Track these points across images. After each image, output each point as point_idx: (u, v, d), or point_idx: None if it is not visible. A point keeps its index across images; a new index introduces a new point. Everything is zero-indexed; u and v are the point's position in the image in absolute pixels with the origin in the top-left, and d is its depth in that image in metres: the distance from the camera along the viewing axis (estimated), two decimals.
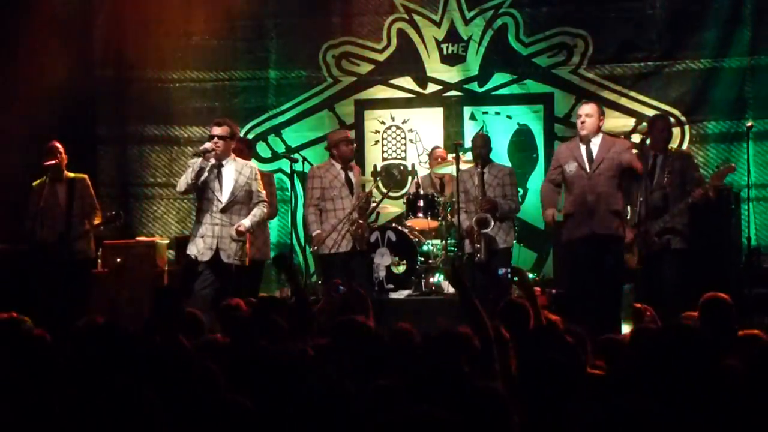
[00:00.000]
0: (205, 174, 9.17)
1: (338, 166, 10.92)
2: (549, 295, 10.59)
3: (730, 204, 10.91)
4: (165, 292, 5.89)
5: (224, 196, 9.26)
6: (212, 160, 9.19)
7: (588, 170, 9.60)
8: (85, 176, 10.95)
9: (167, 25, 13.18)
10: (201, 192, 9.31)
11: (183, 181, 9.32)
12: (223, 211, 9.24)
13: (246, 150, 10.80)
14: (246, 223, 9.28)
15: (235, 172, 9.33)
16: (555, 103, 12.75)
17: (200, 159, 9.15)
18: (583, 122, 9.70)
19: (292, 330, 6.19)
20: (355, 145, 11.24)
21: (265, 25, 13.29)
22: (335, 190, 10.85)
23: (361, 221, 10.79)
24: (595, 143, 9.67)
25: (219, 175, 9.27)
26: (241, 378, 4.72)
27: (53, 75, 11.91)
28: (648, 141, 9.67)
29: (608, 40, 12.58)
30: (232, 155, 9.41)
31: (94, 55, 13.26)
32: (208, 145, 9.19)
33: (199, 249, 9.24)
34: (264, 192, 9.57)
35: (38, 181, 10.67)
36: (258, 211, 9.42)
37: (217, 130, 9.27)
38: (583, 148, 9.70)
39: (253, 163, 9.95)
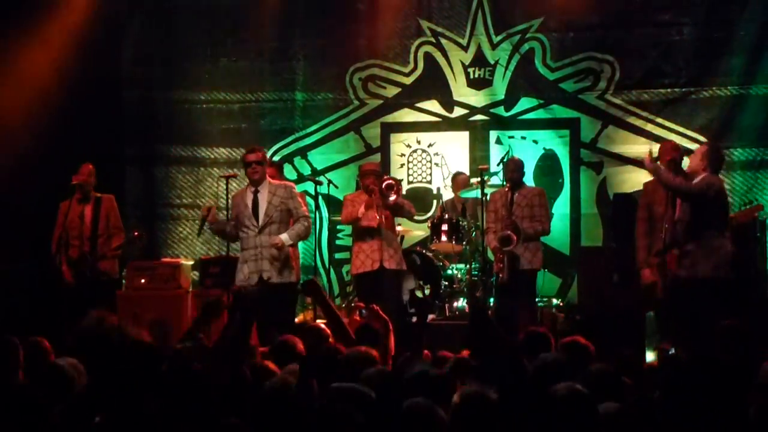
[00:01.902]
0: (228, 228, 9.55)
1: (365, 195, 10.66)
2: (573, 322, 10.54)
3: (756, 233, 10.81)
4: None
5: (259, 220, 9.35)
6: (220, 216, 9.88)
7: None
8: (112, 196, 10.97)
9: (195, 47, 13.27)
10: (240, 221, 9.44)
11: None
12: (261, 233, 9.32)
13: (278, 174, 10.82)
14: (283, 236, 9.28)
15: (269, 194, 9.39)
16: (581, 129, 12.72)
17: (209, 225, 9.58)
18: None
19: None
20: (368, 181, 10.60)
21: (292, 48, 13.34)
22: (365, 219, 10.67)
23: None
24: None
25: (255, 200, 9.38)
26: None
27: (81, 96, 11.99)
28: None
29: (635, 66, 12.57)
30: (268, 179, 9.50)
31: (121, 76, 13.33)
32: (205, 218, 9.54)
33: (245, 274, 9.36)
34: (305, 208, 9.63)
35: (65, 201, 10.69)
36: (299, 226, 9.42)
37: (252, 157, 9.40)
38: None
39: (289, 182, 9.94)
